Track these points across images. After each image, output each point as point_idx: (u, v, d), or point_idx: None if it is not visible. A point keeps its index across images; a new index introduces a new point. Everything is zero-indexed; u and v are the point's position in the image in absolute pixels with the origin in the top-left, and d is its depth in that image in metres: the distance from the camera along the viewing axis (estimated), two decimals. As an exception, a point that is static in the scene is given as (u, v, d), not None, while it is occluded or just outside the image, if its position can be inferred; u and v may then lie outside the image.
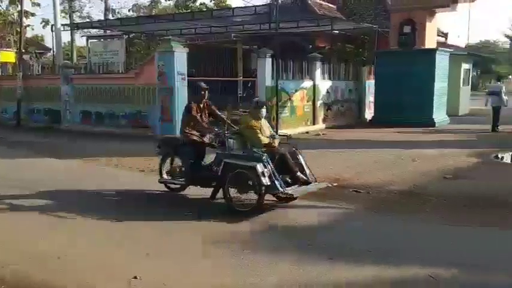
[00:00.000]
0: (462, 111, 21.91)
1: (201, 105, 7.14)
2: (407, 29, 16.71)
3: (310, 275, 4.31)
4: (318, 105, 15.99)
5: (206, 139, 6.91)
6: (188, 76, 13.82)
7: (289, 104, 14.74)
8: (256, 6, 14.57)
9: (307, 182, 6.44)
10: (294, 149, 6.75)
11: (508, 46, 67.57)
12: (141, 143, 11.86)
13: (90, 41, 20.68)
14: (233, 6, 26.01)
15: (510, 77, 68.18)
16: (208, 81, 17.21)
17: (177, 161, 7.21)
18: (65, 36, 26.83)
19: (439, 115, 17.05)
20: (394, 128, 15.25)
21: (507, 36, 68.22)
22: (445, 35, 25.72)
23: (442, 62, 17.03)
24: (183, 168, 6.96)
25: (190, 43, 21.84)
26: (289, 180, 6.30)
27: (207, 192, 6.66)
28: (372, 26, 18.43)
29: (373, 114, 17.77)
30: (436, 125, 16.33)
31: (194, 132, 6.90)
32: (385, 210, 6.47)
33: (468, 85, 23.83)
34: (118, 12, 34.50)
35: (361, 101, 18.41)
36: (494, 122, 15.33)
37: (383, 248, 4.99)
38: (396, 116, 16.03)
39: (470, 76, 25.57)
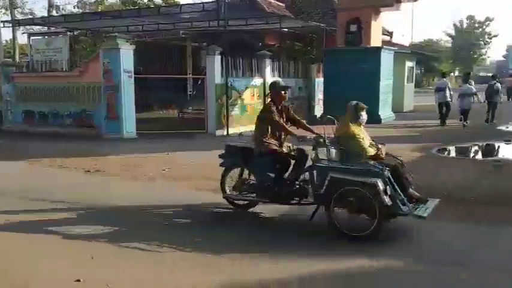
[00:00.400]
0: (407, 107, 22.69)
1: (280, 108, 5.99)
2: (353, 28, 17.11)
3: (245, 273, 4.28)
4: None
5: (284, 149, 5.90)
6: (135, 74, 13.57)
7: (239, 102, 14.72)
8: (205, 3, 14.42)
9: (420, 199, 5.41)
10: (399, 160, 5.79)
11: (449, 45, 70.56)
12: (87, 143, 11.50)
13: (32, 38, 19.86)
14: (181, 2, 25.72)
15: (452, 74, 71.31)
16: (156, 79, 17.28)
17: (237, 172, 6.23)
18: (7, 34, 25.67)
19: (385, 112, 17.56)
20: (343, 125, 15.54)
21: (449, 35, 71.30)
22: (390, 34, 26.58)
23: (387, 60, 17.55)
24: (255, 182, 5.94)
25: (138, 40, 21.40)
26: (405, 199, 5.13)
27: (277, 209, 5.95)
28: (319, 24, 18.72)
29: (322, 112, 18.03)
30: (382, 121, 16.80)
31: (272, 141, 5.83)
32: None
33: (412, 82, 24.68)
34: (62, 9, 33.27)
35: (311, 98, 18.66)
36: (443, 116, 16.16)
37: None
38: (344, 112, 16.31)
39: (414, 74, 26.52)
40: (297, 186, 5.56)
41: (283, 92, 5.94)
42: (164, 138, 12.82)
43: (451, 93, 16.52)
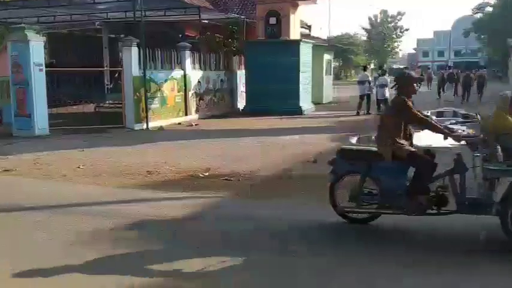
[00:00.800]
0: (326, 99, 23.40)
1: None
2: (272, 21, 17.32)
3: (177, 263, 4.24)
4: (190, 95, 15.85)
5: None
6: (48, 67, 12.83)
7: (159, 95, 14.39)
8: (120, -8, 13.93)
9: None
10: None
11: (365, 38, 73.68)
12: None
13: None
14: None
15: (368, 66, 74.36)
16: (71, 72, 16.43)
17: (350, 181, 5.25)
18: None
19: (305, 103, 17.97)
20: (265, 117, 15.77)
21: (364, 29, 74.43)
22: (309, 27, 27.21)
23: (306, 52, 17.95)
24: (380, 191, 4.97)
25: (50, 32, 20.25)
26: None
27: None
28: (239, 16, 18.73)
29: (245, 104, 18.13)
30: (303, 112, 17.19)
31: (404, 141, 4.99)
32: (254, 196, 6.60)
33: (331, 75, 25.48)
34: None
35: (234, 91, 18.67)
36: (367, 107, 17.63)
37: (250, 231, 5.07)
38: (266, 105, 16.55)
39: (332, 66, 27.40)
40: (434, 194, 4.81)
41: (415, 85, 5.13)
42: (79, 134, 12.23)
43: (372, 85, 18.02)
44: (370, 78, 18.45)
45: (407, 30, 75.38)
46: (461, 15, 75.33)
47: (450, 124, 5.94)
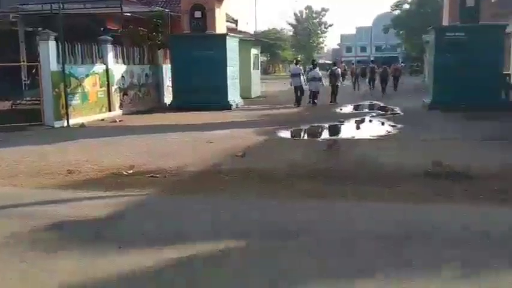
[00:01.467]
0: (254, 93, 23.53)
1: None
2: (198, 14, 17.07)
3: (98, 266, 4.05)
4: (113, 90, 15.31)
5: None
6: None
7: (80, 90, 13.77)
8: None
9: None
10: None
11: (291, 33, 74.99)
12: None
13: None
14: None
15: (294, 61, 75.67)
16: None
17: None
18: None
19: (234, 97, 17.96)
20: (192, 112, 15.59)
21: (290, 24, 75.73)
22: (235, 22, 27.20)
23: (232, 46, 17.90)
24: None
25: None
26: None
27: None
28: (163, 9, 18.32)
29: (171, 99, 17.80)
30: (232, 107, 17.17)
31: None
32: (181, 192, 6.48)
33: (258, 69, 25.64)
34: None
35: (160, 85, 18.28)
36: (298, 99, 18.45)
37: (175, 229, 4.97)
38: (194, 99, 16.37)
39: (260, 61, 27.60)
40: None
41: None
42: (-7, 133, 11.44)
43: (304, 78, 19.00)
44: (303, 72, 19.51)
45: (331, 26, 77.74)
46: (382, 12, 78.60)
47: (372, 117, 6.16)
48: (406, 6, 52.56)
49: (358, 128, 13.13)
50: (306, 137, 11.96)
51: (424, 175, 6.87)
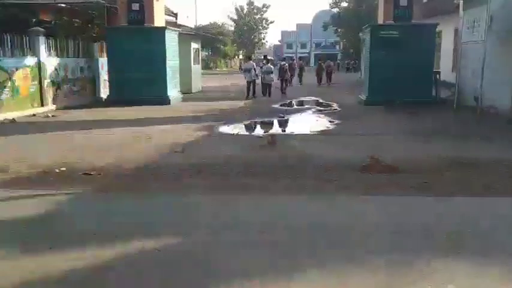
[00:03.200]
0: (195, 88, 23.33)
1: None
2: (135, 7, 16.63)
3: (26, 267, 3.86)
4: (46, 84, 14.64)
5: None
6: None
7: (9, 84, 13.06)
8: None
9: None
10: None
11: (232, 28, 74.93)
12: None
13: None
14: None
15: (236, 56, 75.80)
16: None
17: None
18: None
19: (173, 92, 17.70)
20: (130, 107, 15.22)
21: (232, 20, 75.64)
22: (175, 15, 26.75)
23: (172, 40, 17.61)
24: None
25: None
26: None
27: None
28: (99, 1, 17.69)
29: (108, 93, 17.28)
30: (171, 102, 16.91)
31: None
32: (116, 189, 6.30)
33: (199, 64, 25.42)
34: None
35: (96, 79, 17.68)
36: (250, 92, 19.89)
37: (110, 228, 4.83)
38: (132, 94, 15.98)
39: (200, 55, 27.37)
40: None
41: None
42: None
43: (257, 72, 20.42)
44: (255, 67, 20.80)
45: (272, 22, 78.63)
46: (321, 10, 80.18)
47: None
48: (344, 4, 53.89)
49: (298, 123, 13.34)
50: (246, 132, 11.99)
51: (360, 169, 7.08)
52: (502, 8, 12.59)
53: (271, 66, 20.88)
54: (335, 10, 56.15)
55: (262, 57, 24.31)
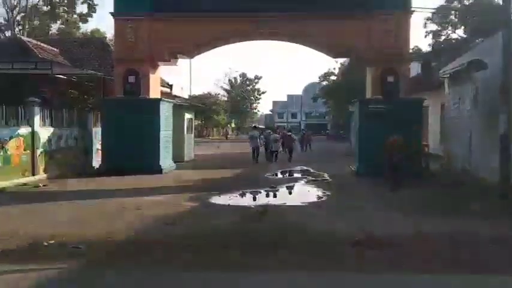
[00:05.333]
0: (188, 157, 23.44)
1: None
2: (131, 79, 17.07)
3: None
4: (38, 153, 14.68)
5: None
6: None
7: (2, 153, 13.08)
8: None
9: None
10: None
11: (225, 98, 76.63)
12: None
13: None
14: None
15: (229, 125, 77.00)
16: None
17: None
18: None
19: (166, 162, 17.78)
20: (122, 176, 15.20)
21: (225, 90, 77.56)
22: (170, 86, 27.48)
23: (166, 111, 17.96)
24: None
25: None
26: None
27: None
28: (96, 73, 18.20)
29: (100, 163, 17.32)
30: (163, 171, 16.95)
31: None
32: (105, 265, 6.19)
33: (192, 133, 25.72)
34: None
35: (88, 149, 17.76)
36: (255, 157, 22.07)
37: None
38: (124, 163, 16.00)
39: (194, 124, 27.78)
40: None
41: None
42: None
43: (261, 141, 23.11)
44: (259, 135, 23.74)
45: (264, 93, 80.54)
46: (311, 82, 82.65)
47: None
48: (333, 77, 55.67)
49: (289, 194, 13.37)
50: (237, 203, 11.95)
51: (351, 244, 7.03)
52: (485, 86, 13.10)
53: (277, 136, 23.79)
54: (324, 83, 57.91)
55: (264, 127, 26.72)
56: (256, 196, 12.79)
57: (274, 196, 12.89)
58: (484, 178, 12.78)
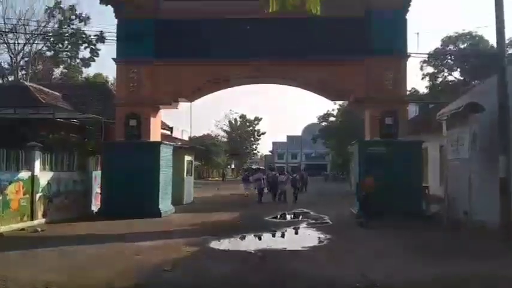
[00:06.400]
0: (187, 200, 23.33)
1: None
2: (132, 123, 17.21)
3: None
4: (38, 198, 14.62)
5: None
6: None
7: (1, 198, 13.03)
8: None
9: None
10: None
11: (225, 140, 76.93)
12: None
13: None
14: None
15: (229, 166, 76.89)
16: None
17: None
18: None
19: (165, 205, 17.69)
20: (122, 220, 15.08)
21: (225, 131, 77.94)
22: (171, 129, 27.70)
23: (166, 154, 18.02)
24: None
25: None
26: None
27: None
28: (97, 116, 18.37)
29: (99, 206, 17.24)
30: (162, 215, 16.84)
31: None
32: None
33: (191, 175, 25.69)
34: None
35: (88, 192, 17.71)
36: (260, 198, 23.67)
37: None
38: (123, 207, 15.92)
39: (193, 166, 27.80)
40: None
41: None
42: None
43: (265, 182, 24.85)
44: (263, 176, 25.46)
45: (263, 133, 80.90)
46: (310, 122, 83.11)
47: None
48: (332, 118, 56.08)
49: (289, 238, 13.23)
50: (237, 248, 11.82)
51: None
52: (483, 129, 13.19)
53: (284, 176, 25.26)
54: (323, 124, 58.28)
55: (268, 168, 29.78)
56: (256, 240, 12.67)
57: (274, 240, 12.76)
58: (485, 221, 12.69)
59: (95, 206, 17.65)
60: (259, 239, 12.91)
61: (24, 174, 14.11)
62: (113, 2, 17.26)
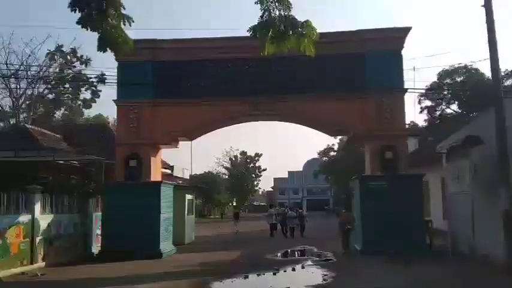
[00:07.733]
0: (188, 239, 23.09)
1: None
2: (133, 163, 17.23)
3: None
4: (38, 241, 14.48)
5: None
6: None
7: (1, 243, 12.90)
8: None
9: None
10: None
11: (226, 177, 76.79)
12: None
13: None
14: None
15: (230, 204, 76.61)
16: None
17: None
18: None
19: (166, 246, 17.48)
20: (122, 262, 14.88)
21: (225, 168, 77.86)
22: (171, 168, 27.78)
23: (167, 194, 17.95)
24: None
25: None
26: None
27: None
28: (98, 158, 18.41)
29: (100, 248, 17.05)
30: (163, 255, 16.63)
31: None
32: None
33: (192, 214, 25.55)
34: None
35: (88, 234, 17.54)
36: (272, 234, 25.29)
37: None
38: (124, 248, 15.71)
39: (195, 205, 27.69)
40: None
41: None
42: None
43: (277, 218, 26.12)
44: (275, 212, 26.77)
45: (264, 170, 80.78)
46: (311, 158, 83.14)
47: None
48: (333, 153, 56.20)
49: (292, 276, 13.02)
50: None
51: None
52: (483, 161, 13.21)
53: (294, 213, 26.40)
54: (324, 159, 58.37)
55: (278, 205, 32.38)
56: (259, 280, 12.47)
57: (277, 279, 12.56)
58: (488, 255, 12.53)
59: (96, 248, 17.45)
60: (262, 278, 12.71)
61: (24, 218, 14.00)
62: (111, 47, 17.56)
